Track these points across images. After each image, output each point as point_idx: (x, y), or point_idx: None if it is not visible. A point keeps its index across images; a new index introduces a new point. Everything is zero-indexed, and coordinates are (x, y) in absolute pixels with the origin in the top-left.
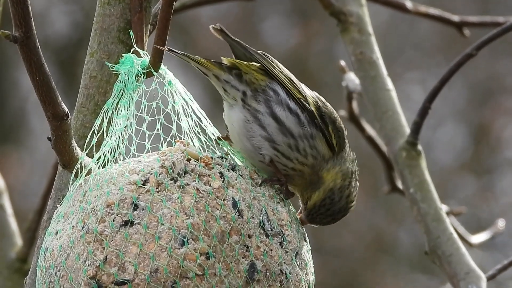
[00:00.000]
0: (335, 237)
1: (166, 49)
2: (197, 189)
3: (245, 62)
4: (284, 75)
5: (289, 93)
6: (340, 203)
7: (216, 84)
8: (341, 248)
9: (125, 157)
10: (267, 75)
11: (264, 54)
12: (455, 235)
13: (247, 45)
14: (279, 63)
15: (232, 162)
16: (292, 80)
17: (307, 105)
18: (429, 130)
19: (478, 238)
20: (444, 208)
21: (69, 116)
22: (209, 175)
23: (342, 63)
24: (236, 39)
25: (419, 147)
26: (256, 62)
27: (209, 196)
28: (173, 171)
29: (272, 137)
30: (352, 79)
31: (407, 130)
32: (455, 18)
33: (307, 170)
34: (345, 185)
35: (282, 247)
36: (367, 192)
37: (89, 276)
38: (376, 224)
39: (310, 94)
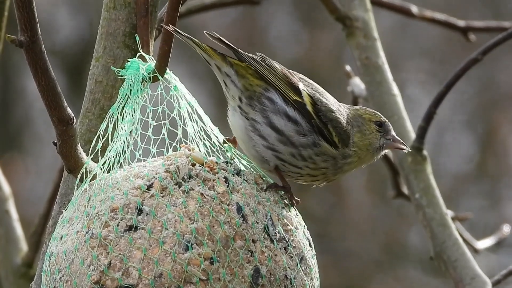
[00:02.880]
0: (345, 238)
1: (173, 29)
2: (202, 194)
3: (243, 64)
4: (278, 76)
5: (286, 98)
6: None
7: (218, 76)
8: (351, 249)
9: (130, 162)
10: (263, 79)
11: (260, 56)
12: (461, 240)
13: (238, 49)
14: (273, 62)
15: (237, 167)
16: (288, 78)
17: (304, 105)
18: (434, 135)
19: (484, 243)
20: (449, 213)
21: (75, 121)
22: (213, 180)
23: (348, 68)
24: (229, 43)
25: (425, 152)
26: (253, 66)
27: (213, 201)
28: (177, 176)
29: (274, 147)
30: (357, 84)
31: (413, 135)
32: (461, 23)
33: (328, 171)
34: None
35: (286, 252)
36: (377, 194)
37: (93, 281)
38: (386, 226)
39: (306, 90)
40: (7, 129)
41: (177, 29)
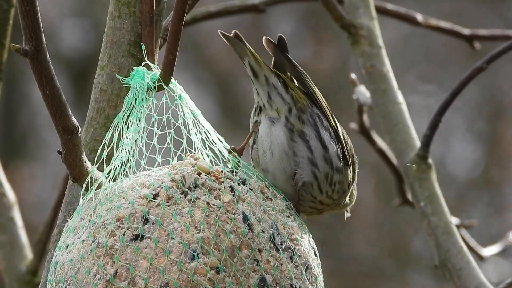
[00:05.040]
0: (350, 243)
1: (234, 34)
2: (208, 203)
3: (286, 77)
4: (322, 98)
5: (328, 121)
6: None
7: (261, 88)
8: (356, 255)
9: (136, 171)
10: (308, 98)
11: (307, 76)
12: (465, 249)
13: (296, 64)
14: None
15: (242, 176)
16: (327, 104)
17: (340, 135)
18: (439, 143)
19: (489, 251)
20: (455, 221)
21: (80, 129)
22: (219, 189)
23: (353, 76)
24: (288, 55)
25: (430, 160)
26: (301, 82)
27: (219, 210)
28: (183, 185)
29: (316, 161)
30: (362, 92)
31: (418, 143)
32: (466, 31)
33: (332, 203)
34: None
35: (292, 262)
36: (382, 199)
37: None
38: (392, 231)
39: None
40: (12, 136)
41: (239, 34)
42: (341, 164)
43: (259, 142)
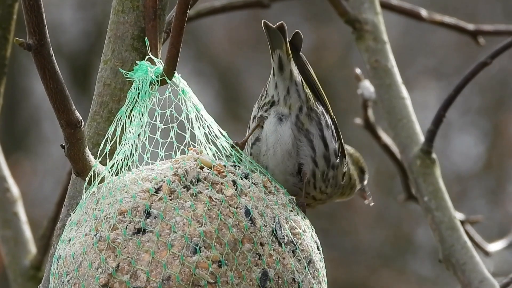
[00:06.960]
0: (351, 233)
1: (278, 26)
2: (210, 197)
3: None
4: (325, 97)
5: (330, 118)
6: None
7: (282, 83)
8: (357, 244)
9: (139, 165)
10: (314, 93)
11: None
12: (469, 244)
13: (307, 61)
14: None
15: (245, 170)
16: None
17: (339, 130)
18: (443, 138)
19: (495, 246)
20: (460, 216)
21: (83, 124)
22: (222, 183)
23: (358, 71)
24: (300, 53)
25: (434, 155)
26: (306, 78)
27: (221, 204)
28: (186, 179)
29: (317, 160)
30: (367, 87)
31: (422, 138)
32: (470, 26)
33: (324, 198)
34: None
35: (294, 256)
36: (384, 189)
37: (101, 284)
38: (393, 220)
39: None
40: (14, 130)
41: (284, 27)
42: (337, 160)
43: (263, 138)
